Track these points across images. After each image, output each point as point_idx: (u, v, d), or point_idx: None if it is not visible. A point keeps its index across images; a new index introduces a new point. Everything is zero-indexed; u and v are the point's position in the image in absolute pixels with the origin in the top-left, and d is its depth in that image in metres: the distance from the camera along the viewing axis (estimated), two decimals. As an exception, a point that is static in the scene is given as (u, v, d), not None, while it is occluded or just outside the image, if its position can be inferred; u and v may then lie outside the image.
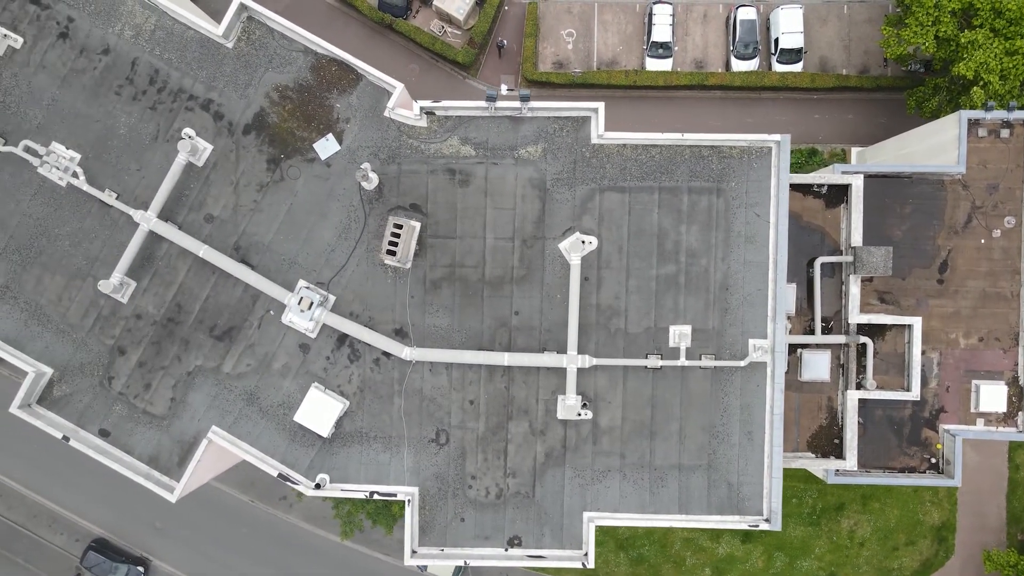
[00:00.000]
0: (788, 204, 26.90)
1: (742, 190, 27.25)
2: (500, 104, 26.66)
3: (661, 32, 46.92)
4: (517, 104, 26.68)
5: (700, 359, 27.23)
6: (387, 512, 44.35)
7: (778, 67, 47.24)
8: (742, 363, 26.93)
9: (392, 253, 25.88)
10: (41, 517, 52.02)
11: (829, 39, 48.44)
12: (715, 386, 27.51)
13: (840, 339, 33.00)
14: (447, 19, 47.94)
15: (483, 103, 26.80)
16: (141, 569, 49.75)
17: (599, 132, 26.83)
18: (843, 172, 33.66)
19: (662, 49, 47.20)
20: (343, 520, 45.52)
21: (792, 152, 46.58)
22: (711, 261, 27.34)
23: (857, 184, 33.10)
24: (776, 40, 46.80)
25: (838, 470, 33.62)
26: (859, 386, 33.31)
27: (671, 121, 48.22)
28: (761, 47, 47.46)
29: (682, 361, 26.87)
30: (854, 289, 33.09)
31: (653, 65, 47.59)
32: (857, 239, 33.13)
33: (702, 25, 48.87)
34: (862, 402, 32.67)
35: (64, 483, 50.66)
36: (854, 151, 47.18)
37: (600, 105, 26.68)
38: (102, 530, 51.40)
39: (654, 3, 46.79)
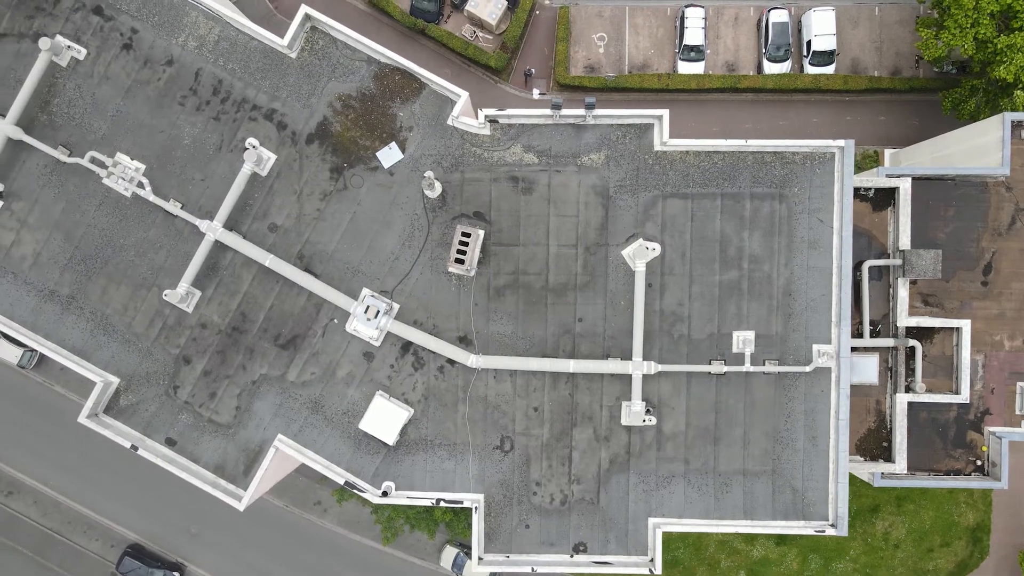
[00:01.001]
0: (852, 210, 26.98)
1: (805, 196, 27.35)
2: (564, 112, 26.76)
3: (693, 35, 46.98)
4: (581, 112, 26.79)
5: (764, 364, 27.33)
6: (429, 517, 44.43)
7: (810, 69, 47.29)
8: (807, 368, 27.03)
9: (460, 262, 26.00)
10: (76, 523, 52.13)
11: (861, 41, 48.51)
12: (779, 391, 27.61)
13: (889, 342, 33.06)
14: (479, 24, 48.08)
15: (547, 111, 26.92)
16: (176, 574, 49.84)
17: (663, 139, 26.94)
18: (888, 175, 33.74)
19: (694, 52, 47.27)
20: (384, 525, 45.62)
21: (825, 155, 46.63)
22: (774, 267, 27.44)
23: (905, 187, 33.17)
24: (808, 43, 46.86)
25: (884, 473, 33.69)
26: (908, 389, 33.39)
27: (704, 124, 48.38)
28: (793, 49, 47.56)
29: (747, 367, 26.97)
30: (902, 292, 33.13)
31: (685, 68, 47.67)
32: (905, 242, 33.18)
33: (733, 28, 48.96)
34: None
35: (98, 489, 50.81)
36: (887, 153, 47.24)
37: (664, 112, 26.81)
38: (137, 535, 51.50)
39: (686, 7, 46.88)
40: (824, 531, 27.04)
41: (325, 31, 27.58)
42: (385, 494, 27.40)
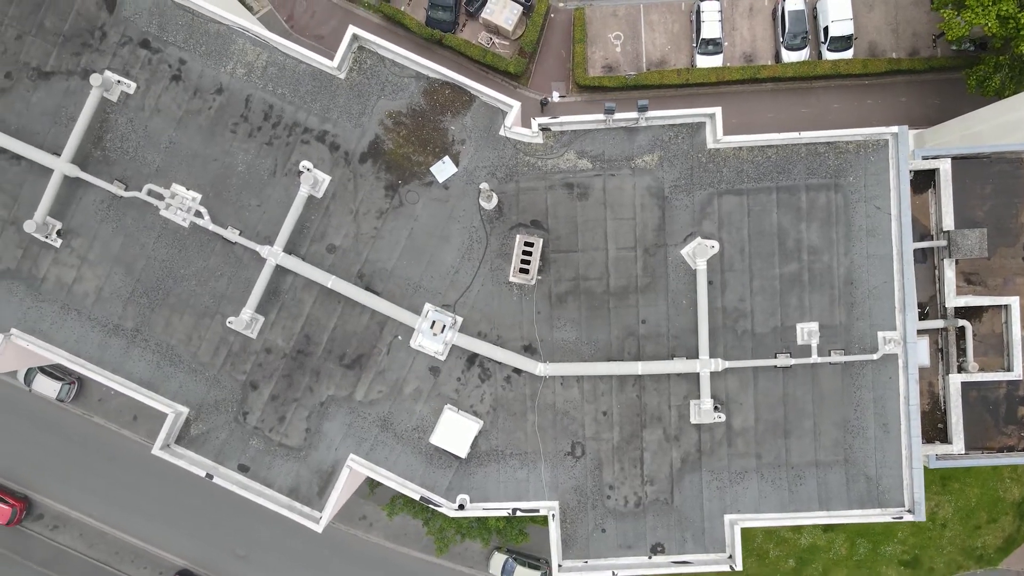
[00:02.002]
0: (910, 194, 27.05)
1: (860, 184, 27.44)
2: (616, 116, 26.85)
3: (710, 29, 47.07)
4: (633, 115, 26.88)
5: (830, 355, 27.40)
6: (481, 525, 44.48)
7: (829, 55, 47.38)
8: (875, 356, 27.11)
9: (525, 271, 26.09)
10: (124, 553, 52.25)
11: (877, 24, 48.59)
12: (846, 381, 27.68)
13: (939, 323, 33.08)
14: (494, 31, 48.21)
15: (599, 116, 27.01)
16: (229, 598, 49.90)
17: (716, 137, 27.04)
18: (924, 157, 33.81)
19: (712, 46, 47.37)
20: (436, 536, 45.67)
21: (850, 139, 46.79)
22: (833, 257, 27.52)
23: (945, 168, 33.17)
24: (825, 29, 46.94)
25: (939, 455, 33.72)
26: (960, 369, 33.43)
27: (725, 117, 48.43)
28: (810, 36, 47.70)
29: (814, 358, 27.05)
30: (949, 273, 33.15)
31: (704, 62, 47.75)
32: (949, 223, 33.20)
33: (748, 19, 49.04)
34: (956, 384, 32.73)
35: (143, 516, 50.95)
36: (911, 134, 47.29)
37: (716, 110, 26.91)
38: (185, 561, 51.59)
39: (701, 1, 46.98)
40: (902, 517, 27.10)
41: (373, 50, 27.67)
42: (461, 507, 27.47)
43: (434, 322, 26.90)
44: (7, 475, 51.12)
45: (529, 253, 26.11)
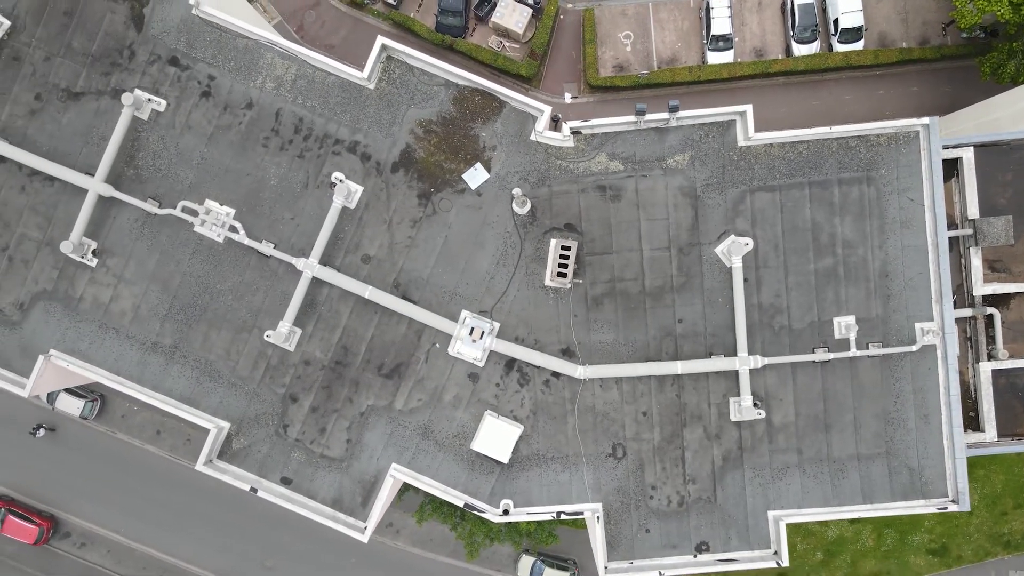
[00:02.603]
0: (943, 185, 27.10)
1: (892, 176, 27.49)
2: (648, 117, 26.89)
3: (720, 25, 47.16)
4: (664, 115, 26.92)
5: (868, 348, 27.44)
6: (512, 529, 44.52)
7: (839, 47, 47.47)
8: (913, 348, 27.14)
9: (563, 275, 26.12)
10: (152, 568, 52.36)
11: (886, 14, 48.66)
12: (885, 373, 27.71)
13: (967, 312, 33.13)
14: (504, 34, 48.29)
15: (630, 118, 27.05)
16: (258, 610, 49.97)
17: (748, 134, 27.08)
18: (946, 146, 33.82)
19: (722, 42, 47.45)
20: (466, 541, 45.71)
21: (862, 130, 46.89)
22: (868, 250, 27.56)
23: (968, 156, 33.20)
24: (835, 20, 47.03)
25: (970, 443, 33.74)
26: (990, 357, 33.46)
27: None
28: (820, 29, 47.79)
29: (852, 352, 27.07)
30: (975, 261, 33.17)
31: (715, 58, 47.84)
32: (974, 211, 33.22)
33: (757, 14, 49.12)
34: (986, 372, 32.72)
35: (170, 531, 51.05)
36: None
37: (747, 108, 26.95)
38: (213, 575, 51.65)
39: (709, -3, 47.07)
40: (946, 508, 27.13)
41: (401, 60, 27.72)
42: (506, 512, 27.51)
43: (472, 328, 26.94)
44: (33, 494, 51.22)
45: (566, 257, 26.15)
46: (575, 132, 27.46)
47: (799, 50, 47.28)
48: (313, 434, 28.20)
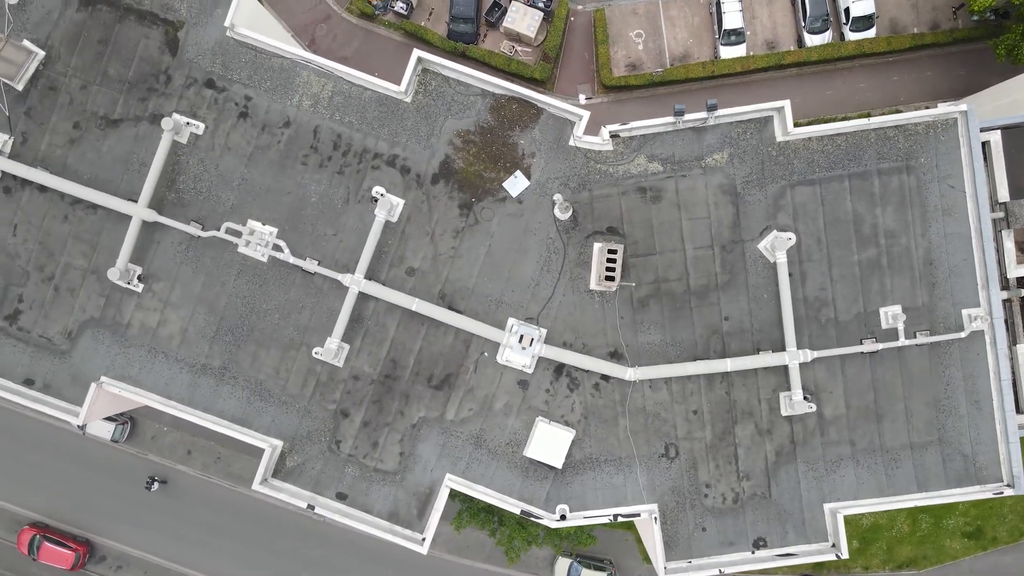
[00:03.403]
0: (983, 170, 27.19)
1: (932, 164, 27.57)
2: (686, 116, 26.97)
3: (732, 19, 47.26)
4: (703, 115, 27.01)
5: (915, 336, 27.51)
6: (553, 532, 44.53)
7: (851, 36, 47.58)
8: (962, 335, 27.21)
9: (611, 279, 26.19)
10: (190, 589, 52.33)
11: (896, 0, 48.78)
12: (934, 361, 27.78)
13: (1003, 295, 33.21)
14: (516, 39, 48.38)
15: (669, 119, 27.13)
16: (298, 624, 49.99)
17: (786, 129, 27.16)
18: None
19: (735, 36, 47.53)
20: (506, 546, 45.77)
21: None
22: (911, 239, 27.63)
23: (996, 139, 33.26)
24: (847, 9, 47.14)
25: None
26: (1027, 338, 33.54)
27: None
28: (831, 18, 47.91)
29: (901, 341, 27.13)
30: (1008, 244, 33.23)
31: (727, 53, 47.92)
32: (1004, 194, 33.30)
33: (768, 6, 49.21)
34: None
35: (203, 549, 51.10)
36: (941, 107, 47.29)
37: (785, 103, 27.03)
38: (253, 592, 51.67)
39: (720, -8, 47.17)
40: (1002, 492, 27.20)
41: (437, 71, 27.80)
42: (563, 517, 27.57)
43: (522, 336, 27.01)
44: (67, 520, 51.30)
45: (613, 260, 26.23)
46: (613, 135, 27.54)
47: (811, 40, 47.39)
48: (366, 448, 28.26)
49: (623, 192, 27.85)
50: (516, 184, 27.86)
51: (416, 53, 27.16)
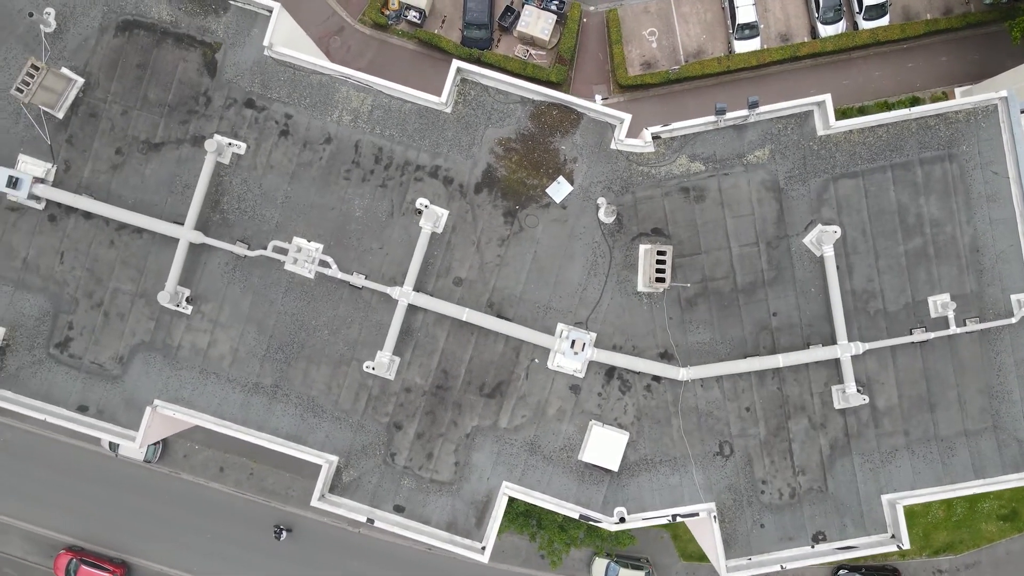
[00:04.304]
0: (1022, 155, 27.24)
1: (974, 151, 27.61)
2: (728, 115, 27.02)
3: (746, 13, 47.34)
4: (744, 112, 27.06)
5: (965, 324, 27.54)
6: (595, 533, 44.58)
7: (865, 25, 47.63)
8: (1013, 320, 27.25)
9: (661, 279, 26.23)
10: (231, 607, 52.26)
11: (908, -14, 48.79)
12: (985, 347, 27.82)
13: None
14: (530, 42, 48.45)
15: (710, 118, 27.18)
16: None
17: (828, 123, 27.21)
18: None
19: (748, 30, 47.56)
20: (547, 550, 45.79)
21: (895, 104, 47.07)
22: (956, 227, 27.69)
23: (1026, 124, 33.26)
24: (859, -1, 47.13)
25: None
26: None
27: (770, 99, 48.69)
28: (844, 8, 48.00)
29: (952, 329, 27.17)
30: (1044, 226, 33.22)
31: (742, 47, 47.96)
32: (1037, 177, 33.27)
33: (780, -1, 49.26)
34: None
35: (240, 565, 51.11)
36: (958, 92, 47.38)
37: (826, 97, 27.10)
38: (291, 607, 51.63)
39: (732, -13, 47.21)
40: (1060, 476, 27.28)
41: (476, 81, 27.86)
42: (622, 520, 27.61)
43: (573, 341, 27.05)
44: (103, 542, 51.32)
45: (663, 262, 26.27)
46: (655, 137, 27.60)
47: (825, 31, 47.44)
48: (421, 460, 28.30)
49: (666, 193, 27.90)
50: (559, 190, 27.91)
51: (455, 63, 27.24)
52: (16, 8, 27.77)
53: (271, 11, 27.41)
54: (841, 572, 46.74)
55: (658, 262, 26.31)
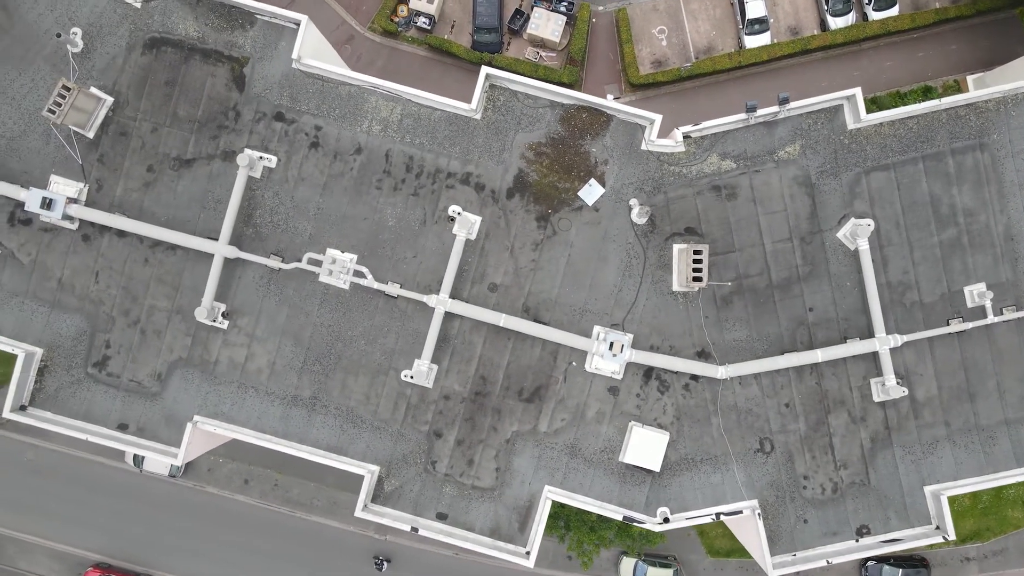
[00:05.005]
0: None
1: (1005, 140, 27.61)
2: (758, 112, 27.02)
3: (755, 8, 47.33)
4: (775, 108, 27.06)
5: (1002, 313, 27.53)
6: (625, 533, 44.59)
7: (874, 15, 47.61)
8: (1051, 307, 27.29)
9: (699, 279, 26.22)
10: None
11: (915, -24, 48.77)
12: (1022, 336, 27.82)
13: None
14: (541, 44, 48.45)
15: (740, 116, 27.18)
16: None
17: (859, 117, 27.21)
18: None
19: (758, 25, 47.55)
20: (577, 551, 45.82)
21: (907, 94, 47.03)
22: (990, 216, 27.68)
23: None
24: (868, -11, 47.10)
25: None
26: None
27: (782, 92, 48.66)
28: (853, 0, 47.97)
29: (990, 319, 27.17)
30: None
31: (752, 42, 47.93)
32: (1062, 164, 33.20)
33: (789, -8, 49.21)
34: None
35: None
36: (970, 79, 47.34)
37: (856, 91, 27.09)
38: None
39: (741, -18, 47.20)
40: (1103, 461, 27.26)
41: (504, 86, 27.87)
42: (666, 520, 27.61)
43: (612, 343, 27.05)
44: (130, 558, 51.31)
45: (699, 261, 26.26)
46: (686, 136, 27.60)
47: (835, 23, 47.41)
48: (462, 467, 28.30)
49: (698, 192, 27.91)
50: (591, 192, 27.92)
51: (484, 70, 27.25)
52: (43, 29, 27.78)
53: (299, 24, 27.41)
54: (870, 562, 46.64)
55: (695, 262, 26.30)
